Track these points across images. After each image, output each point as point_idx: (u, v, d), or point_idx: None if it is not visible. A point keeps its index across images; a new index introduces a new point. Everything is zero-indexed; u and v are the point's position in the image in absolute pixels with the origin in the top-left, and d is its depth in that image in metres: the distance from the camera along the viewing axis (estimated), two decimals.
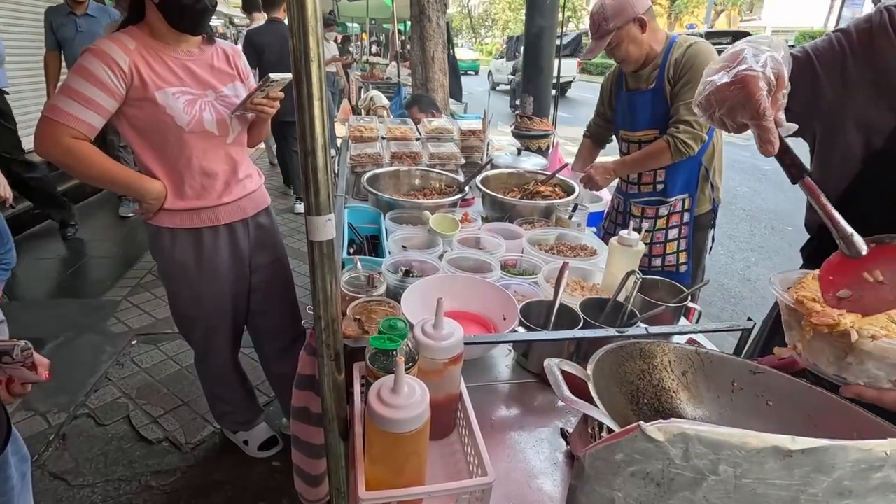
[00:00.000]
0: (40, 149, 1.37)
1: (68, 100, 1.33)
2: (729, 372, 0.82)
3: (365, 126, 2.46)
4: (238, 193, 1.61)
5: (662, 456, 0.36)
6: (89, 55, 1.35)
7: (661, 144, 1.87)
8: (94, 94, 1.34)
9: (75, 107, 1.34)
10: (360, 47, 12.14)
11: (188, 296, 1.66)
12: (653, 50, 1.91)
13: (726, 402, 0.82)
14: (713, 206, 2.07)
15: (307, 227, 0.75)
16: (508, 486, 0.84)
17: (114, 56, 1.35)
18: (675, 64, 1.85)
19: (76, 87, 1.33)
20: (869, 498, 0.36)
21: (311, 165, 0.71)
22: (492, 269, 1.34)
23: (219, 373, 1.91)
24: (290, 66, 0.67)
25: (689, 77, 1.82)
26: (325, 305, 0.81)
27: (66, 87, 1.35)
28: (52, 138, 1.34)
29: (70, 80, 1.35)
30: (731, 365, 0.83)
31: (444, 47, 4.31)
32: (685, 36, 1.94)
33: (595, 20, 1.91)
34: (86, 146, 1.38)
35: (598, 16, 1.90)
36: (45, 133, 1.34)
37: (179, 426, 2.19)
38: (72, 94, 1.33)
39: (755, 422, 0.79)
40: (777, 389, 0.79)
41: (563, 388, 0.57)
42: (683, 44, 1.88)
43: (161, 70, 1.43)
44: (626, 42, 1.88)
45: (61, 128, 1.33)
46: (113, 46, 1.36)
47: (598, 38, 1.92)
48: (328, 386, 0.87)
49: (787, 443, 0.34)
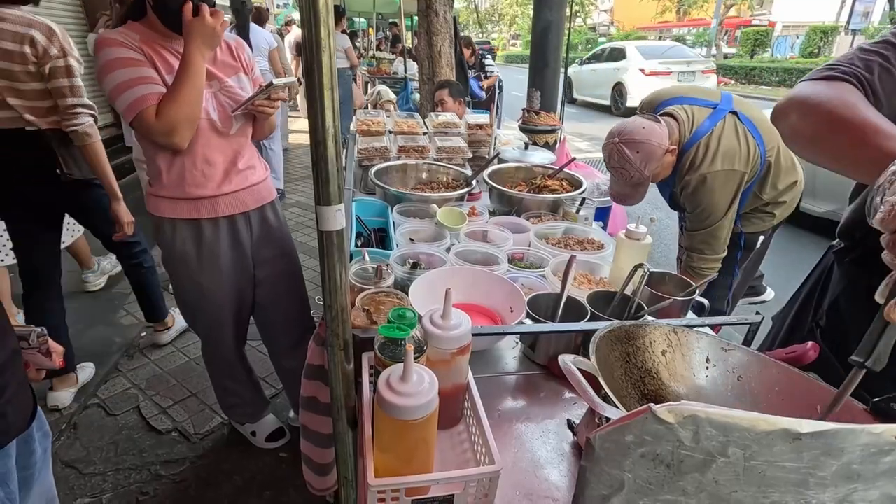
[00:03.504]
0: (172, 142, 1.39)
1: (137, 88, 1.34)
2: (703, 349, 0.86)
3: (372, 120, 2.47)
4: (238, 184, 1.61)
5: (672, 438, 0.36)
6: (106, 48, 1.33)
7: (686, 273, 1.78)
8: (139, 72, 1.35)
9: (147, 87, 1.35)
10: (368, 42, 12.12)
11: (190, 287, 1.67)
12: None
13: (701, 378, 0.85)
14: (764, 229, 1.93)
15: (317, 217, 0.76)
16: (515, 475, 0.85)
17: (126, 41, 1.35)
18: (686, 183, 1.70)
19: (124, 78, 1.33)
20: (878, 482, 0.36)
21: (322, 156, 0.71)
22: (499, 263, 1.34)
23: (224, 364, 1.92)
24: (303, 57, 0.67)
25: (701, 207, 1.70)
26: (335, 295, 0.82)
27: (120, 85, 1.34)
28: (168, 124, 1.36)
29: (112, 78, 1.34)
30: (705, 342, 0.86)
31: (451, 42, 4.29)
32: (707, 141, 1.67)
33: (627, 173, 1.69)
34: None
35: (629, 168, 1.67)
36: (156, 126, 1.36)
37: (188, 417, 2.22)
38: (130, 84, 1.33)
39: (727, 395, 0.83)
40: (746, 365, 0.83)
41: (592, 393, 0.57)
42: (704, 158, 1.66)
43: (169, 58, 1.43)
44: (662, 172, 1.73)
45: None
46: (120, 33, 1.36)
47: (636, 186, 1.73)
48: (337, 375, 0.88)
49: (796, 426, 0.35)
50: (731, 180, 1.65)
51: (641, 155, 1.63)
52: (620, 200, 1.84)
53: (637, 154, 1.63)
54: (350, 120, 2.87)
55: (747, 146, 1.66)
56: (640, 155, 1.63)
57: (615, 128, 1.74)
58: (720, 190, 1.66)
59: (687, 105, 1.74)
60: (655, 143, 1.63)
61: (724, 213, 1.69)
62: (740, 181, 1.67)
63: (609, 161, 1.74)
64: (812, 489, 0.36)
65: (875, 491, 0.36)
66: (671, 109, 1.74)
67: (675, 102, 1.77)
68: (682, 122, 1.70)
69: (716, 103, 1.73)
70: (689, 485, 0.37)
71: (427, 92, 4.02)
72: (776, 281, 2.42)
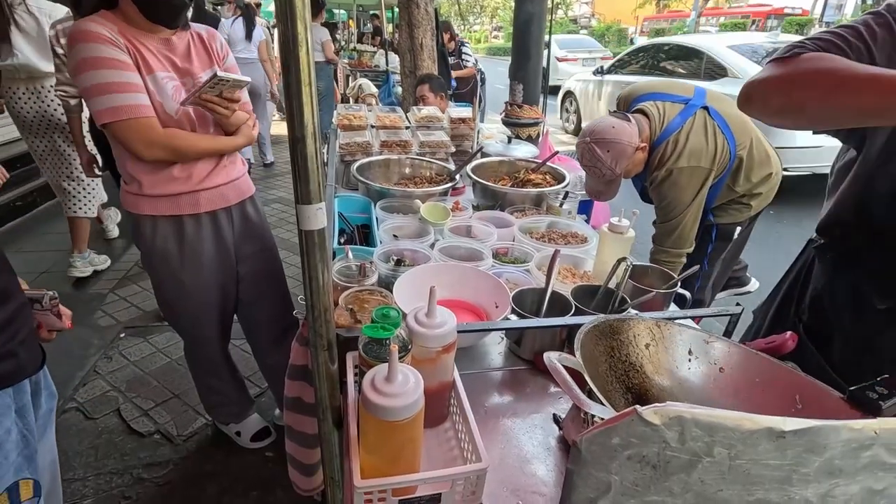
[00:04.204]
0: (145, 154, 1.39)
1: (124, 94, 1.30)
2: (685, 342, 0.87)
3: (354, 114, 2.44)
4: (220, 179, 1.58)
5: (658, 439, 0.36)
6: (91, 43, 1.27)
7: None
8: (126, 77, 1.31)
9: (134, 97, 1.32)
10: (348, 35, 11.95)
11: (172, 286, 1.64)
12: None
13: (684, 370, 0.86)
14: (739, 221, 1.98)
15: (297, 216, 0.74)
16: (503, 471, 0.85)
17: (111, 37, 1.30)
18: (654, 178, 1.76)
19: (107, 79, 1.29)
20: (858, 476, 0.37)
21: (301, 153, 0.69)
22: (483, 258, 1.34)
23: (208, 363, 1.89)
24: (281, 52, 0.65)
25: (666, 201, 1.76)
26: (318, 295, 0.80)
27: (101, 86, 1.30)
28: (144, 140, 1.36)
29: (93, 76, 1.29)
30: (687, 335, 0.87)
31: (432, 34, 4.26)
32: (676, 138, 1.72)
33: (599, 171, 1.74)
34: (177, 131, 1.43)
35: (601, 167, 1.72)
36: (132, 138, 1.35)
37: (171, 418, 2.18)
38: (114, 88, 1.29)
39: (710, 387, 0.84)
40: (728, 357, 0.84)
41: (578, 391, 0.57)
42: (671, 154, 1.71)
43: (146, 54, 1.38)
44: (633, 169, 1.78)
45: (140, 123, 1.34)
46: (101, 25, 1.30)
47: (609, 183, 1.78)
48: (321, 376, 0.87)
49: (780, 424, 0.35)
50: (695, 176, 1.71)
51: (612, 154, 1.69)
52: (595, 197, 1.89)
53: (608, 153, 1.69)
54: (331, 114, 2.83)
55: (715, 143, 1.71)
56: (611, 154, 1.69)
57: (587, 127, 1.79)
58: (685, 185, 1.72)
59: (660, 101, 1.79)
60: (625, 141, 1.68)
61: (687, 207, 1.75)
62: (705, 177, 1.73)
63: (582, 160, 1.79)
64: (795, 485, 0.37)
65: (856, 485, 0.37)
66: (643, 106, 1.79)
67: (649, 98, 1.82)
68: (653, 118, 1.74)
69: (688, 98, 1.77)
70: (676, 485, 0.38)
71: (409, 85, 3.99)
72: (760, 271, 2.46)
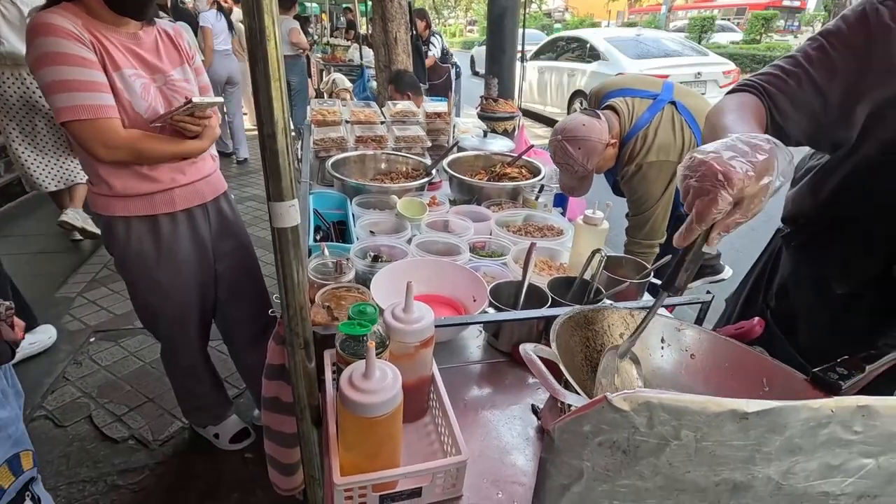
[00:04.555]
0: (105, 156, 1.35)
1: (87, 94, 1.26)
2: (658, 330, 0.89)
3: (328, 110, 2.41)
4: (193, 175, 1.54)
5: (628, 425, 0.37)
6: (53, 37, 1.22)
7: None
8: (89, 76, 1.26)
9: (98, 97, 1.27)
10: (321, 29, 11.76)
11: (149, 288, 1.59)
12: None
13: (658, 357, 0.88)
14: None
15: (270, 213, 0.73)
16: (483, 463, 0.86)
17: (75, 31, 1.25)
18: (624, 173, 1.80)
19: (70, 76, 1.24)
20: (817, 453, 0.38)
21: (272, 149, 0.69)
22: (461, 252, 1.34)
23: (188, 366, 1.85)
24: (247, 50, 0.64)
25: (637, 195, 1.81)
26: (293, 293, 0.79)
27: (63, 83, 1.25)
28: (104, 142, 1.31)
29: (55, 72, 1.24)
30: (660, 323, 0.89)
31: (406, 28, 4.22)
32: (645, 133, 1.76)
33: (571, 168, 1.77)
34: (141, 134, 1.38)
35: (573, 164, 1.75)
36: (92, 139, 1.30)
37: (145, 423, 2.13)
38: (77, 87, 1.25)
39: (682, 373, 0.86)
40: (698, 343, 0.87)
41: (553, 381, 0.58)
42: (640, 150, 1.75)
43: (112, 50, 1.33)
44: (605, 164, 1.82)
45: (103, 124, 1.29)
46: (64, 18, 1.24)
47: (582, 179, 1.82)
48: (299, 374, 0.86)
49: (742, 406, 0.36)
50: (664, 171, 1.76)
51: (583, 151, 1.73)
52: (569, 193, 1.93)
53: (579, 150, 1.73)
54: (305, 110, 2.79)
55: (682, 137, 1.76)
56: (582, 151, 1.73)
57: (558, 125, 1.82)
58: (654, 179, 1.76)
59: (629, 97, 1.83)
60: (595, 138, 1.72)
61: (658, 200, 1.80)
62: (674, 171, 1.76)
63: (554, 157, 1.83)
64: (758, 464, 0.38)
65: (814, 462, 0.39)
66: (613, 102, 1.83)
67: (619, 94, 1.86)
68: (623, 114, 1.78)
69: (656, 94, 1.81)
70: (645, 469, 0.39)
71: (384, 80, 3.95)
72: (734, 260, 2.53)
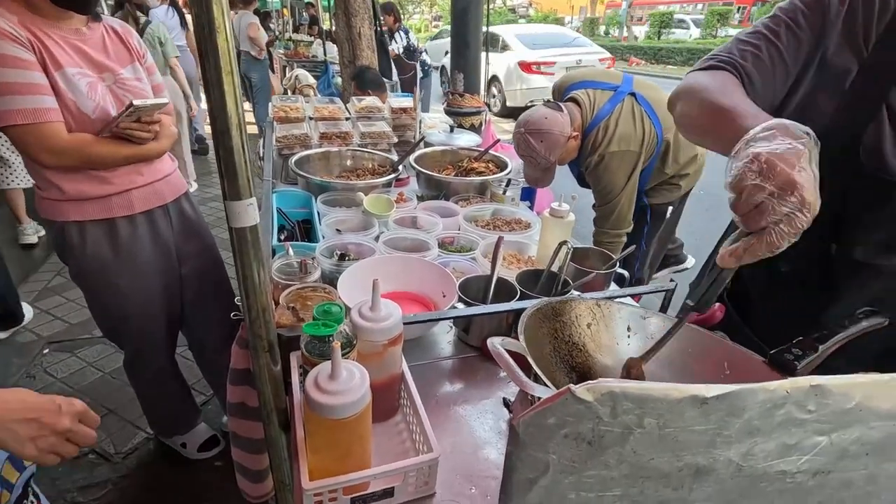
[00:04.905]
0: (50, 163, 1.29)
1: (26, 97, 1.19)
2: (624, 319, 0.90)
3: (290, 106, 2.35)
4: (152, 176, 1.48)
5: (592, 415, 0.37)
6: None
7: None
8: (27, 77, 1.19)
9: (38, 100, 1.20)
10: (283, 24, 11.48)
11: (111, 296, 1.52)
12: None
13: (624, 346, 0.89)
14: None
15: (227, 213, 0.70)
16: (455, 458, 0.85)
17: (9, 29, 1.17)
18: (588, 163, 1.84)
19: (7, 79, 1.17)
20: (774, 433, 0.39)
21: (225, 146, 0.66)
22: (429, 248, 1.33)
23: (155, 375, 1.78)
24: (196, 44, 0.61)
25: (602, 185, 1.85)
26: (254, 295, 0.77)
27: None
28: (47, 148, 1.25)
29: None
30: (626, 312, 0.91)
31: (370, 23, 4.16)
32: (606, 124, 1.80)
33: (534, 160, 1.81)
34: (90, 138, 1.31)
35: (536, 156, 1.79)
36: (33, 144, 1.24)
37: (107, 436, 2.04)
38: (15, 89, 1.18)
39: (650, 362, 0.85)
40: (663, 331, 0.87)
41: (521, 374, 0.58)
42: (602, 140, 1.79)
43: (53, 48, 1.25)
44: (567, 156, 1.86)
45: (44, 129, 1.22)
46: None
47: (545, 171, 1.85)
48: (264, 378, 0.84)
49: (703, 391, 0.37)
50: (626, 160, 1.80)
51: (546, 144, 1.76)
52: (533, 183, 1.97)
53: (542, 143, 1.76)
54: (268, 107, 2.72)
55: (643, 128, 1.81)
56: (545, 144, 1.76)
57: (521, 118, 1.85)
58: (616, 169, 1.81)
59: (590, 89, 1.87)
60: (557, 132, 1.75)
61: (622, 190, 1.85)
62: (636, 161, 1.83)
63: (518, 149, 1.86)
64: (719, 448, 0.39)
65: (772, 442, 0.40)
66: (575, 94, 1.86)
67: (580, 87, 1.90)
68: (585, 106, 1.82)
69: (617, 85, 1.85)
70: (611, 458, 0.39)
71: (348, 76, 3.89)
72: (696, 249, 2.61)
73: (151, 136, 1.40)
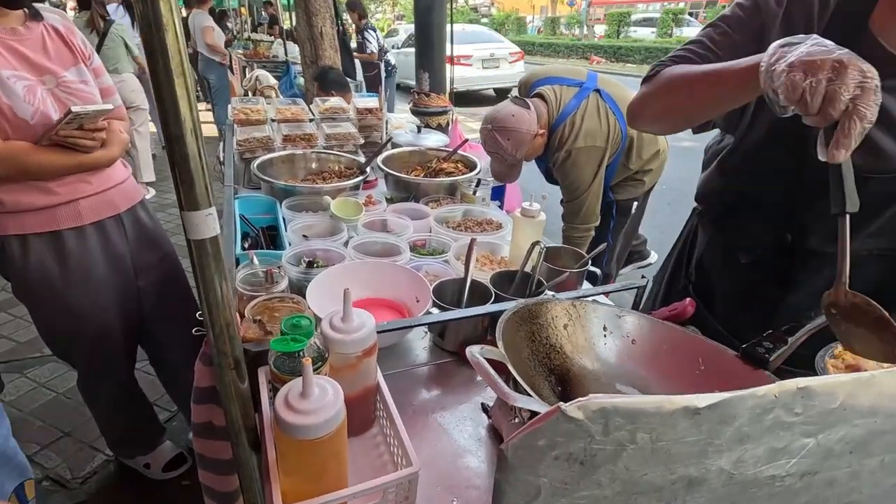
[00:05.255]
0: None
1: None
2: (600, 319, 0.91)
3: (251, 108, 2.27)
4: (102, 184, 1.39)
5: (584, 434, 0.36)
6: None
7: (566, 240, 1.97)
8: None
9: None
10: (241, 23, 11.15)
11: (59, 312, 1.42)
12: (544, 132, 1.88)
13: (601, 346, 0.90)
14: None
15: (184, 224, 0.66)
16: (436, 469, 0.83)
17: None
18: (555, 159, 1.86)
19: None
20: (763, 438, 0.39)
21: (180, 153, 0.61)
22: (401, 252, 1.30)
23: (111, 394, 1.68)
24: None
25: (569, 180, 1.88)
26: (217, 310, 0.72)
27: None
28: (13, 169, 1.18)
29: None
30: (601, 312, 0.91)
31: (332, 22, 4.08)
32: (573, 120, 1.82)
33: (501, 157, 1.83)
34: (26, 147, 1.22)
35: (503, 153, 1.81)
36: None
37: (62, 461, 1.92)
38: None
39: (625, 359, 0.89)
40: (638, 328, 0.90)
41: (503, 386, 0.56)
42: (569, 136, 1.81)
43: None
44: (534, 153, 1.87)
45: None
46: None
47: (512, 167, 1.87)
48: (231, 397, 0.79)
49: (694, 401, 0.36)
50: (593, 155, 1.83)
51: (512, 141, 1.78)
52: (500, 178, 1.99)
53: (508, 141, 1.78)
54: (227, 109, 2.62)
55: (608, 124, 1.84)
56: (511, 141, 1.78)
57: (489, 114, 1.86)
58: (583, 164, 1.83)
59: (556, 85, 1.89)
60: (524, 129, 1.77)
61: (590, 185, 1.88)
62: (602, 156, 1.87)
63: (485, 146, 1.88)
64: (710, 457, 0.38)
65: (762, 447, 0.39)
66: (542, 90, 1.88)
67: (546, 83, 1.92)
68: (551, 102, 1.84)
69: (582, 82, 1.89)
70: (603, 476, 0.38)
71: (311, 76, 3.80)
72: (659, 244, 2.67)
73: (97, 144, 1.31)
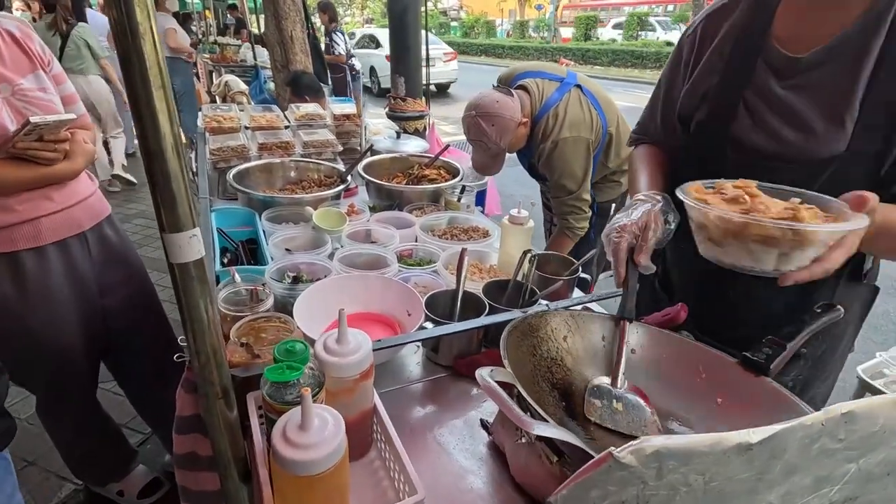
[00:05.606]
0: None
1: None
2: (598, 329, 0.89)
3: (223, 115, 2.19)
4: (65, 200, 1.30)
5: (637, 481, 0.33)
6: None
7: (562, 237, 1.93)
8: None
9: None
10: (206, 27, 10.86)
11: (17, 336, 1.33)
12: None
13: (601, 357, 0.88)
14: None
15: (165, 247, 0.61)
16: (438, 492, 0.80)
17: None
18: (541, 151, 1.83)
19: None
20: (810, 468, 0.38)
21: (161, 171, 0.56)
22: (388, 264, 1.27)
23: (73, 418, 1.58)
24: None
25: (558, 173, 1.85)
26: (203, 336, 0.67)
27: None
28: None
29: None
30: (599, 321, 0.90)
31: (302, 26, 4.01)
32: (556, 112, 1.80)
33: (485, 145, 1.79)
34: None
35: (486, 141, 1.77)
36: None
37: (26, 491, 1.80)
38: None
39: (629, 371, 0.86)
40: (637, 338, 0.89)
41: (519, 412, 0.53)
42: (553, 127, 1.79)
43: None
44: (517, 143, 1.84)
45: None
46: None
47: (495, 156, 1.83)
48: (219, 427, 0.74)
49: (746, 437, 0.34)
50: (579, 146, 1.81)
51: (496, 128, 1.74)
52: (482, 170, 1.95)
53: (492, 127, 1.74)
54: (194, 115, 2.53)
55: (590, 116, 1.83)
56: (495, 128, 1.74)
57: (472, 101, 1.82)
58: (571, 155, 1.81)
59: (538, 79, 1.87)
60: (508, 116, 1.73)
61: (583, 178, 1.85)
62: (588, 146, 1.84)
63: (468, 134, 1.83)
64: (761, 493, 0.36)
65: (809, 477, 0.38)
66: (524, 83, 1.86)
67: (528, 76, 1.89)
68: (533, 94, 1.82)
69: (562, 77, 1.88)
70: None
71: (282, 81, 3.72)
72: None
73: (59, 156, 1.23)
